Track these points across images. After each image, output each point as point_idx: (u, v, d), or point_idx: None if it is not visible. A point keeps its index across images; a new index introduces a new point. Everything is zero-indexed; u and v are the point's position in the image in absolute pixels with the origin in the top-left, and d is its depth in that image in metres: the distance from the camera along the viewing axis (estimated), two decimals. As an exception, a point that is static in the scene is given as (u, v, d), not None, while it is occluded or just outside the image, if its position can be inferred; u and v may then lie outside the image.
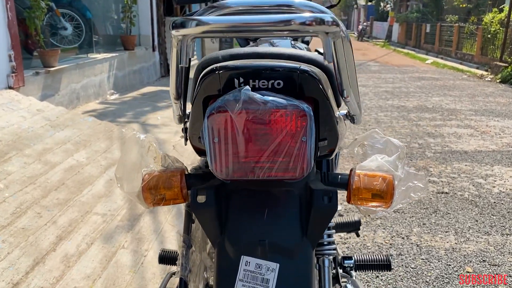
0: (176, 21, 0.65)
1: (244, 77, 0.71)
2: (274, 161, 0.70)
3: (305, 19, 0.61)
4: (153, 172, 0.83)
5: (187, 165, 0.94)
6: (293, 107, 0.66)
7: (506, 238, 2.53)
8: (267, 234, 0.74)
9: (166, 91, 5.92)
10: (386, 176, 0.79)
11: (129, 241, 2.13)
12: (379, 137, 0.84)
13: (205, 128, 0.69)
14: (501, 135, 4.97)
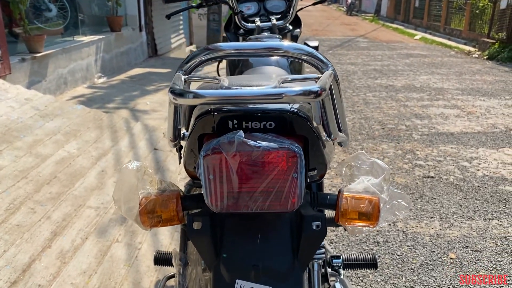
0: (175, 90, 0.67)
1: (237, 119, 0.74)
2: (266, 196, 0.74)
3: (295, 92, 0.64)
4: (149, 195, 0.87)
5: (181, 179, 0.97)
6: (285, 149, 0.70)
7: (488, 223, 2.62)
8: (260, 259, 0.79)
9: (154, 73, 5.88)
10: (372, 198, 0.83)
11: (122, 235, 2.17)
12: (365, 158, 0.88)
13: (200, 166, 0.73)
14: (487, 115, 5.06)
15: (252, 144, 0.69)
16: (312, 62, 0.79)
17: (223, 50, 0.78)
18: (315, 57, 0.78)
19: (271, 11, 2.08)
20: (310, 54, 0.77)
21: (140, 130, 3.39)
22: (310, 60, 0.78)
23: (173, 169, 2.97)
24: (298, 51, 0.77)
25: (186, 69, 0.78)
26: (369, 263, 1.37)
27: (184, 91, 0.65)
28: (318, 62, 0.78)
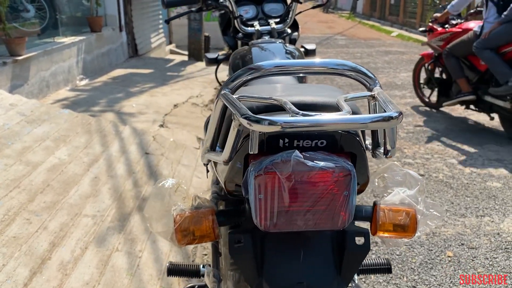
0: (249, 117, 0.64)
1: (289, 137, 0.73)
2: (317, 215, 0.73)
3: (374, 119, 0.66)
4: (183, 213, 0.85)
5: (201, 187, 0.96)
6: (340, 168, 0.69)
7: (480, 219, 2.68)
8: (304, 276, 0.78)
9: (137, 74, 5.80)
10: (409, 210, 0.84)
11: (122, 243, 2.14)
12: (398, 169, 0.88)
13: (250, 185, 0.71)
14: (468, 112, 5.16)
15: (310, 165, 0.69)
16: (358, 78, 0.78)
17: (265, 69, 0.76)
18: (362, 72, 0.77)
19: (270, 15, 2.07)
20: (356, 70, 0.77)
21: (129, 134, 3.33)
22: (356, 76, 0.78)
23: (166, 173, 2.93)
24: (343, 67, 0.77)
25: (232, 88, 0.77)
26: (384, 268, 1.38)
27: (260, 118, 0.63)
28: (365, 78, 0.78)
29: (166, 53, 8.49)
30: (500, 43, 3.87)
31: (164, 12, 8.74)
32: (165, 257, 2.14)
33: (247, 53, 1.73)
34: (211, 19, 9.45)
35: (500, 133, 4.32)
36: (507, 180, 3.24)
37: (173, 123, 3.88)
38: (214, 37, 8.14)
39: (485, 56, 3.96)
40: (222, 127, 0.83)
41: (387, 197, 0.86)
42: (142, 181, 2.73)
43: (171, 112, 4.17)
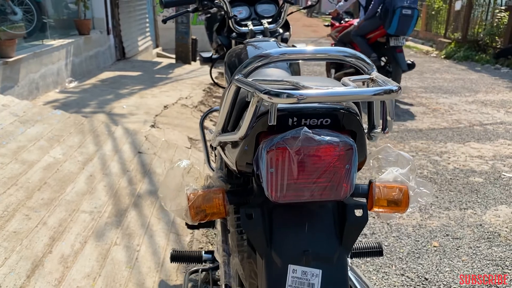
0: (270, 91, 0.71)
1: (297, 116, 0.81)
2: (323, 186, 0.81)
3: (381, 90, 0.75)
4: (196, 191, 0.92)
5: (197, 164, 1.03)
6: (343, 143, 0.78)
7: (464, 212, 2.80)
8: (309, 245, 0.86)
9: (125, 76, 5.83)
10: (402, 186, 0.93)
11: (120, 237, 2.19)
12: (391, 151, 0.97)
13: (262, 160, 0.79)
14: (450, 112, 5.33)
15: (318, 139, 0.77)
16: (358, 64, 0.87)
17: (272, 55, 0.84)
18: (361, 59, 0.86)
19: (262, 15, 2.15)
20: (356, 56, 0.85)
21: (122, 134, 3.38)
22: (356, 62, 0.86)
23: (159, 171, 2.99)
24: (344, 53, 0.85)
25: (245, 73, 0.84)
26: (376, 251, 1.47)
27: (279, 92, 0.71)
28: (364, 64, 0.87)
29: (153, 56, 8.52)
30: (365, 32, 5.68)
31: (151, 16, 8.78)
32: (162, 251, 2.20)
33: (242, 51, 1.80)
34: (197, 22, 9.51)
35: (484, 133, 4.48)
36: (488, 175, 3.38)
37: (164, 124, 3.93)
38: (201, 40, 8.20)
39: (357, 41, 5.73)
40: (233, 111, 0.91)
41: (381, 176, 0.95)
42: (136, 179, 2.78)
43: (161, 113, 4.22)
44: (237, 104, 0.90)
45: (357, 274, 1.29)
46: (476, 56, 9.51)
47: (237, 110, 0.91)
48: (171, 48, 8.56)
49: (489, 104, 5.74)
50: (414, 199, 0.96)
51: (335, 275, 0.87)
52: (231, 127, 0.93)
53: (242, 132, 0.80)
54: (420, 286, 2.07)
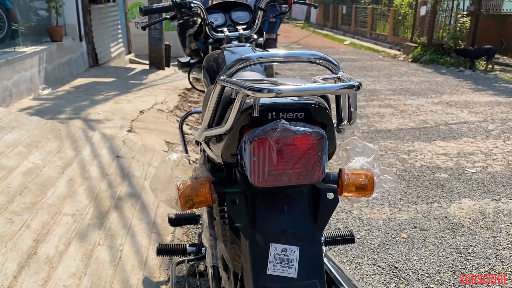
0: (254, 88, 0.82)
1: (276, 111, 0.92)
2: (299, 172, 0.92)
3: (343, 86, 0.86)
4: (185, 182, 1.02)
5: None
6: (316, 133, 0.89)
7: (430, 206, 2.97)
8: (288, 225, 0.97)
9: (100, 82, 5.83)
10: (368, 173, 1.05)
11: (103, 238, 2.25)
12: (357, 142, 1.10)
13: (246, 150, 0.90)
14: (418, 113, 5.56)
15: (294, 129, 0.88)
16: (326, 65, 0.99)
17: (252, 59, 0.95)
18: (329, 61, 0.98)
19: (237, 22, 2.27)
20: (325, 58, 0.97)
21: (99, 139, 3.42)
22: (325, 63, 0.98)
23: (138, 174, 3.05)
24: (314, 56, 0.97)
25: (228, 74, 0.94)
26: (348, 238, 1.59)
27: (261, 87, 0.81)
28: (331, 65, 0.99)
29: (126, 62, 8.52)
30: None
31: (123, 22, 8.78)
32: (145, 250, 2.27)
33: (220, 56, 1.91)
34: (169, 28, 9.56)
35: (449, 132, 4.71)
36: (453, 171, 3.58)
37: (140, 128, 3.99)
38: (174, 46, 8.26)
39: None
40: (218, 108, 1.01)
41: (349, 164, 1.07)
42: (116, 182, 2.84)
43: (137, 118, 4.27)
44: (222, 102, 1.01)
45: (331, 260, 1.41)
46: (441, 59, 9.89)
47: (221, 107, 1.01)
48: (144, 54, 8.58)
49: (454, 104, 6.01)
50: (379, 185, 1.08)
51: (311, 251, 0.98)
52: (216, 123, 1.03)
53: (229, 125, 0.91)
54: (390, 275, 2.21)
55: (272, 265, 0.95)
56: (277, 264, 0.96)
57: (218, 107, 1.01)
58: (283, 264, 0.96)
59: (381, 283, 2.14)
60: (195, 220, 1.98)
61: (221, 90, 0.97)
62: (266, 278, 0.95)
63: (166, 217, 2.68)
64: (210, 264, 1.09)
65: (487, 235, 2.59)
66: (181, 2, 2.05)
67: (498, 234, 2.60)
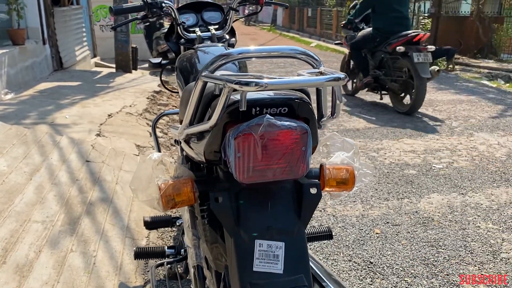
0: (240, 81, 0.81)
1: (260, 106, 0.92)
2: (282, 167, 0.93)
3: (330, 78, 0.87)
4: (167, 181, 1.00)
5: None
6: (300, 127, 0.90)
7: (401, 201, 3.04)
8: (272, 221, 0.97)
9: (65, 86, 5.69)
10: (348, 167, 1.06)
11: (75, 245, 2.19)
12: (337, 138, 1.11)
13: (231, 146, 0.89)
14: (384, 112, 5.69)
15: (279, 124, 0.88)
16: (308, 60, 1.00)
17: (233, 55, 0.95)
18: (310, 55, 0.99)
19: (209, 22, 2.25)
20: (306, 53, 0.98)
21: (67, 144, 3.33)
22: (306, 58, 0.99)
23: (109, 179, 2.99)
24: (295, 51, 0.98)
25: (211, 70, 0.93)
26: (326, 235, 1.61)
27: (249, 81, 0.81)
28: (313, 60, 1.00)
29: (91, 66, 8.34)
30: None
31: (87, 25, 8.59)
32: (119, 255, 2.23)
33: (193, 56, 1.90)
34: (135, 31, 9.42)
35: (413, 131, 4.83)
36: (421, 167, 3.67)
37: (109, 132, 3.91)
38: (140, 49, 8.15)
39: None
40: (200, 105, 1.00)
41: (330, 159, 1.08)
42: (87, 187, 2.77)
43: (106, 122, 4.18)
44: (204, 99, 1.00)
45: (311, 256, 1.42)
46: (404, 60, 10.13)
47: (203, 104, 1.00)
48: (110, 58, 8.42)
49: (418, 103, 6.17)
50: (359, 179, 1.10)
51: (296, 246, 0.98)
52: (197, 120, 1.02)
53: (213, 121, 0.90)
54: (366, 270, 2.25)
55: (258, 261, 0.95)
56: (263, 261, 0.96)
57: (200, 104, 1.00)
58: (269, 260, 0.96)
59: (358, 278, 2.17)
60: (171, 223, 1.96)
61: (203, 87, 0.96)
62: (252, 275, 0.95)
63: (140, 221, 2.64)
64: (194, 264, 1.08)
65: (456, 228, 2.67)
66: (152, 2, 2.02)
67: (466, 226, 2.69)
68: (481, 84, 7.90)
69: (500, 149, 4.19)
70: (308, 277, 0.98)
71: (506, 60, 10.58)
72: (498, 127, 4.94)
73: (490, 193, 3.18)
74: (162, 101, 5.58)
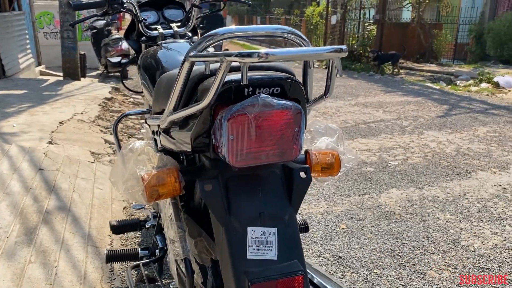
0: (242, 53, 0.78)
1: (252, 87, 0.89)
2: (276, 148, 0.91)
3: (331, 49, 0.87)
4: (150, 172, 0.96)
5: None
6: (294, 107, 0.88)
7: (362, 197, 3.10)
8: (264, 207, 0.95)
9: (9, 94, 5.39)
10: (333, 152, 1.06)
11: (34, 255, 2.06)
12: (320, 124, 1.11)
13: (223, 129, 0.86)
14: (338, 114, 5.82)
15: (274, 103, 0.86)
16: (295, 40, 0.99)
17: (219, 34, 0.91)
18: (298, 35, 0.98)
19: (171, 20, 2.21)
20: (293, 33, 0.97)
21: (17, 152, 3.15)
22: (294, 38, 0.98)
23: (66, 187, 2.85)
24: (282, 30, 0.96)
25: (200, 50, 0.90)
26: (302, 227, 1.60)
27: (250, 52, 0.78)
28: (301, 40, 0.99)
29: (36, 75, 7.96)
30: None
31: (31, 32, 8.22)
32: (83, 264, 2.12)
33: (157, 52, 1.84)
34: (82, 38, 9.11)
35: (368, 130, 4.97)
36: (378, 165, 3.78)
37: (62, 140, 3.73)
38: (88, 57, 7.88)
39: None
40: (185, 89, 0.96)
41: (315, 145, 1.07)
42: (42, 196, 2.62)
43: (57, 129, 3.99)
44: (189, 83, 0.96)
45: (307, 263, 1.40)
46: (352, 65, 10.48)
47: (188, 88, 0.97)
48: (55, 66, 8.09)
49: (369, 105, 6.37)
50: (343, 164, 1.10)
51: (288, 231, 0.96)
52: (181, 107, 0.98)
53: (208, 100, 0.86)
54: (336, 264, 2.26)
55: (251, 249, 0.92)
56: (256, 248, 0.93)
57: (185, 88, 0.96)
58: (262, 247, 0.93)
59: (328, 273, 2.18)
60: (139, 226, 1.88)
61: (189, 69, 0.93)
62: (246, 263, 0.92)
63: (101, 229, 2.53)
64: (181, 257, 1.03)
65: (417, 220, 2.76)
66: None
67: (426, 218, 2.78)
68: (425, 86, 8.28)
69: (450, 145, 4.39)
70: (302, 262, 0.96)
71: (446, 64, 11.16)
72: (445, 125, 5.19)
73: (445, 186, 3.32)
74: (115, 108, 5.42)
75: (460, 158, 3.98)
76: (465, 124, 5.24)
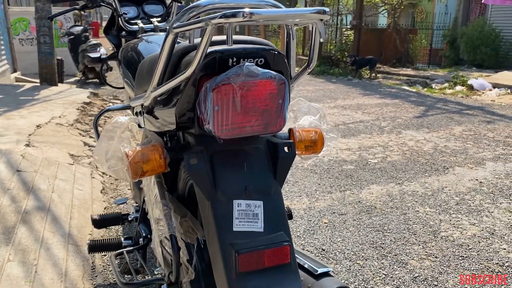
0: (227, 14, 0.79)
1: (236, 57, 0.90)
2: (261, 119, 0.91)
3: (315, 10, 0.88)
4: (134, 148, 0.95)
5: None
6: (278, 77, 0.89)
7: (343, 193, 3.13)
8: (249, 181, 0.96)
9: (-16, 100, 5.28)
10: (317, 130, 1.08)
11: (13, 254, 2.01)
12: (303, 103, 1.12)
13: (208, 100, 0.86)
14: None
15: (259, 72, 0.86)
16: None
17: (202, 6, 0.92)
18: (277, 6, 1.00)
19: (151, 15, 2.21)
20: (276, 5, 0.99)
21: (-7, 155, 3.08)
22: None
23: (44, 187, 2.80)
24: (265, 2, 0.98)
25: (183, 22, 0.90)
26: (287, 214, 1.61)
27: (235, 11, 0.78)
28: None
29: (12, 81, 7.81)
30: None
31: (5, 38, 8.07)
32: (63, 262, 2.08)
33: (137, 44, 1.84)
34: (59, 45, 8.99)
35: (348, 130, 5.03)
36: (358, 163, 3.82)
37: (40, 142, 3.67)
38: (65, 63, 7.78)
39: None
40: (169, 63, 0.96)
41: (298, 122, 1.09)
42: (20, 197, 2.57)
43: (35, 133, 3.93)
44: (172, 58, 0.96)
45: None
46: (330, 70, 10.61)
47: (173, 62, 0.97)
48: (32, 73, 7.96)
49: (348, 107, 6.45)
50: (325, 142, 1.12)
51: (274, 204, 0.97)
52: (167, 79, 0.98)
53: (193, 67, 0.86)
54: (319, 257, 2.28)
55: (237, 221, 0.93)
56: (242, 220, 0.93)
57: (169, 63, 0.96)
58: (248, 219, 0.94)
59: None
60: (122, 220, 1.86)
61: (173, 41, 0.93)
62: (233, 235, 0.92)
63: (82, 228, 2.49)
64: (167, 235, 1.02)
65: (398, 213, 2.80)
66: (93, -9, 1.95)
67: (406, 211, 2.82)
68: (402, 89, 8.43)
69: (427, 143, 4.48)
70: (288, 233, 0.97)
71: (422, 68, 11.40)
72: (422, 125, 5.29)
73: (424, 181, 3.38)
74: (93, 112, 5.35)
75: (437, 155, 4.06)
76: (442, 124, 5.36)
